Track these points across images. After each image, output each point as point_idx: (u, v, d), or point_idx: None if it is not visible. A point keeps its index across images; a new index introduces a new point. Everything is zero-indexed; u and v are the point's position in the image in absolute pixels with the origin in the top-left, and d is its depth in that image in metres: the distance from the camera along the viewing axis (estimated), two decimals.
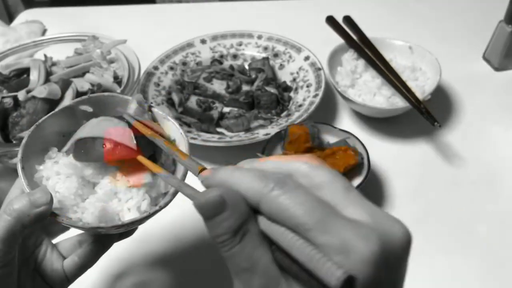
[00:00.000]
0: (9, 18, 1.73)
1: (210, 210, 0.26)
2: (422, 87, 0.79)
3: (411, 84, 0.78)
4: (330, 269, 0.23)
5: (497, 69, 0.91)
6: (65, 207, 0.42)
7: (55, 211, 0.40)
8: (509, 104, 0.84)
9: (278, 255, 0.26)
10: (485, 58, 0.93)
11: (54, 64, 0.80)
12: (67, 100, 0.70)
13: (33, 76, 0.75)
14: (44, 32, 1.07)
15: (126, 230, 0.44)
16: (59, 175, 0.43)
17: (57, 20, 1.11)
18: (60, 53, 0.82)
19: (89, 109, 0.48)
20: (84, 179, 0.43)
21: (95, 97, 0.48)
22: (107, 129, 0.43)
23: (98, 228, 0.41)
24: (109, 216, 0.42)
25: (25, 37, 0.99)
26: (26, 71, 0.78)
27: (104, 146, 0.42)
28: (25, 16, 1.13)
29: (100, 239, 0.47)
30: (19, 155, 0.42)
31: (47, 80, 0.75)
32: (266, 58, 0.90)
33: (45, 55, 0.80)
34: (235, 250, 0.26)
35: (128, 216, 0.42)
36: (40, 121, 0.46)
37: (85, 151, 0.43)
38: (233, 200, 0.26)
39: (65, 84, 0.72)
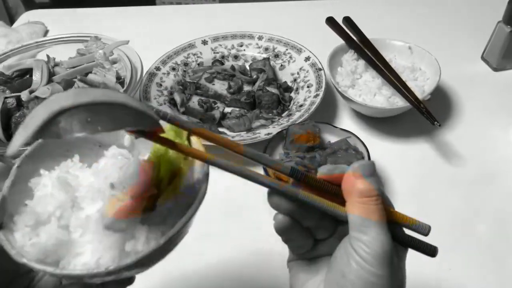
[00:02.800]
0: (10, 19, 1.74)
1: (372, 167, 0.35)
2: (421, 87, 0.79)
3: (411, 84, 0.79)
4: None
5: (495, 69, 0.92)
6: (22, 228, 0.34)
7: (8, 228, 0.34)
8: (507, 103, 0.84)
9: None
10: (484, 58, 0.94)
11: (56, 64, 0.80)
12: None
13: (36, 76, 0.75)
14: (45, 33, 1.07)
15: (71, 281, 0.35)
16: (54, 186, 0.35)
17: (59, 21, 1.12)
18: (62, 54, 0.83)
19: None
20: (76, 201, 0.35)
21: None
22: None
23: (25, 264, 0.32)
24: (57, 256, 0.33)
25: (27, 38, 0.99)
26: (28, 71, 0.78)
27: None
28: (27, 17, 1.14)
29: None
30: (25, 153, 0.37)
31: (50, 80, 0.76)
32: (267, 59, 0.90)
33: (47, 56, 0.81)
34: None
35: (76, 265, 0.33)
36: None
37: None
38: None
39: (68, 85, 0.72)
